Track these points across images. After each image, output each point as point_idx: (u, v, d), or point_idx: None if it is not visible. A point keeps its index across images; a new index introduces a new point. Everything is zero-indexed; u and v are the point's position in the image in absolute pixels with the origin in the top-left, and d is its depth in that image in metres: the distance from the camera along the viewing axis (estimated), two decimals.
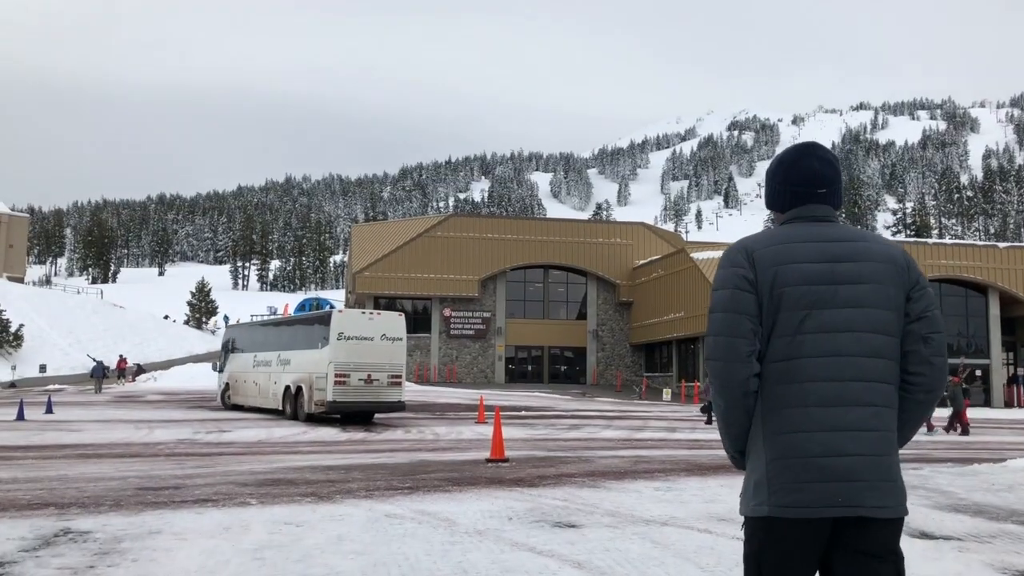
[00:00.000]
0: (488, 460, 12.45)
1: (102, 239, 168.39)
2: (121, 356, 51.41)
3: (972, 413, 36.11)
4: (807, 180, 2.65)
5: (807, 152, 2.69)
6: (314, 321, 23.89)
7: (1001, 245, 45.78)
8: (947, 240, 53.42)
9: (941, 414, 22.95)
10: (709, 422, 24.08)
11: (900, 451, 2.51)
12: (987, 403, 43.33)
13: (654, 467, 11.97)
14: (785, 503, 2.41)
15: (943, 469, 11.52)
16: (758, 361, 2.50)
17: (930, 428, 23.18)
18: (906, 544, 6.26)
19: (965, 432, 22.78)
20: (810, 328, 2.48)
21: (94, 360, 48.13)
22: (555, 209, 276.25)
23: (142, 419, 22.32)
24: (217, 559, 5.46)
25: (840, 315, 2.48)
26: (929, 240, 49.98)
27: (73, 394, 38.93)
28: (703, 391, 25.25)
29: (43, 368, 53.27)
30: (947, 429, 22.81)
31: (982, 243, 47.70)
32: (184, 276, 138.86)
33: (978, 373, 44.22)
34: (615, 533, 6.48)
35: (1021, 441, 20.61)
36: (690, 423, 24.52)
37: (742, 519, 2.56)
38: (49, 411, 24.27)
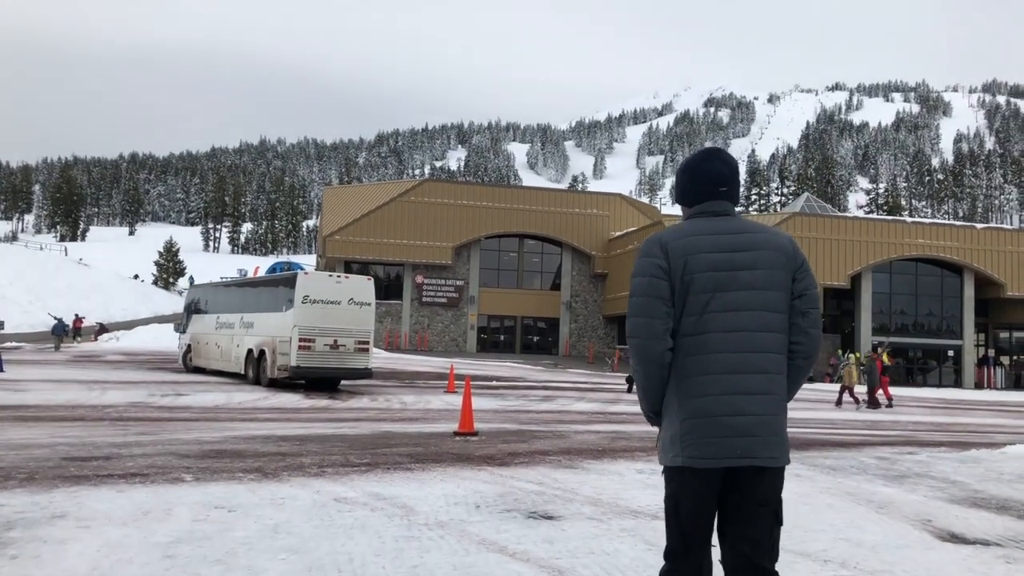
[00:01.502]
0: (456, 433, 11.64)
1: (71, 196, 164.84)
2: (77, 315, 49.78)
3: (944, 394, 36.10)
4: (711, 180, 3.05)
5: (712, 156, 3.10)
6: (279, 283, 22.99)
7: (979, 226, 45.42)
8: (925, 219, 53.00)
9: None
10: (631, 391, 24.65)
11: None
12: (958, 384, 43.20)
13: (633, 445, 11.17)
14: (695, 455, 2.83)
15: (940, 455, 10.82)
16: (671, 337, 2.90)
17: (857, 403, 24.32)
18: (940, 549, 5.52)
19: (874, 406, 23.91)
20: (714, 308, 2.87)
21: (55, 318, 46.64)
22: (531, 180, 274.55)
23: (96, 380, 21.32)
24: (117, 557, 4.48)
25: (738, 296, 2.88)
26: (907, 219, 49.54)
27: (30, 352, 37.64)
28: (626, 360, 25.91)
29: (0, 325, 51.63)
30: (869, 405, 24.09)
31: (960, 223, 47.32)
32: (155, 236, 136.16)
33: (950, 354, 44.07)
34: (600, 528, 5.59)
35: (1002, 424, 20.14)
36: None
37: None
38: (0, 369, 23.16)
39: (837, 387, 29.96)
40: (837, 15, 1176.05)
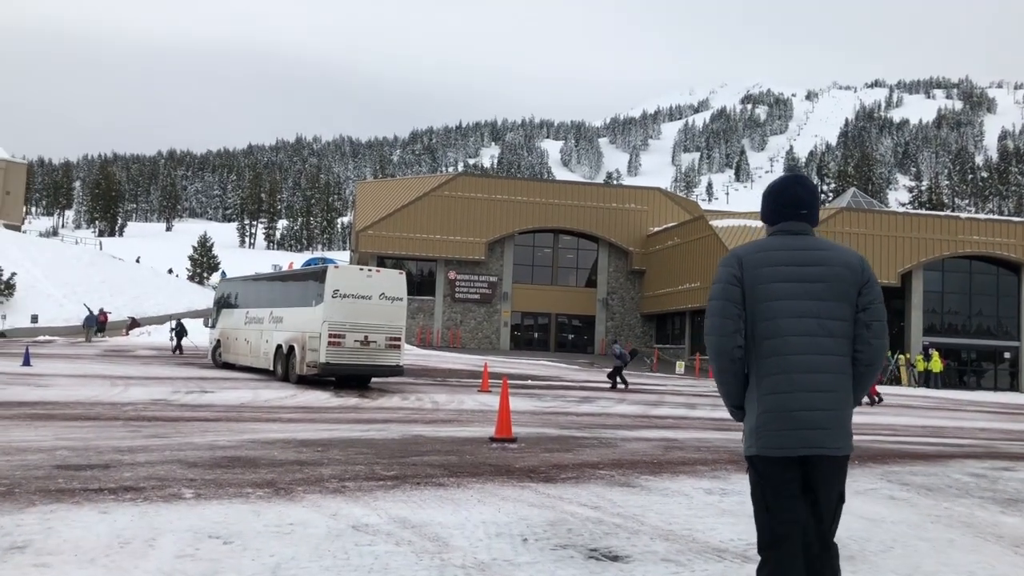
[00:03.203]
0: (493, 439, 10.64)
1: (110, 192, 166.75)
2: (102, 310, 49.36)
3: (1001, 397, 34.46)
4: (792, 203, 3.43)
5: (794, 182, 3.49)
6: (308, 277, 22.20)
7: None
8: (980, 215, 51.05)
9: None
10: (613, 388, 24.46)
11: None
12: (1014, 387, 41.35)
13: (690, 456, 10.06)
14: (770, 445, 3.19)
15: None
16: (743, 338, 3.27)
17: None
18: None
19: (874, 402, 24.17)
20: (785, 314, 3.23)
21: (88, 310, 46.44)
22: (565, 177, 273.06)
23: (122, 375, 20.74)
24: None
25: (806, 305, 3.24)
26: (961, 215, 47.54)
27: (62, 346, 37.41)
28: (615, 355, 25.63)
29: (35, 319, 51.51)
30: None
31: (1017, 219, 45.25)
32: (192, 232, 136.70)
33: (1006, 356, 42.20)
34: None
35: None
36: (710, 399, 22.69)
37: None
38: (27, 363, 22.68)
39: (890, 388, 28.78)
40: (876, 10, 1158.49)
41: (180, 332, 33.36)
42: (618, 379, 24.84)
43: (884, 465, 9.40)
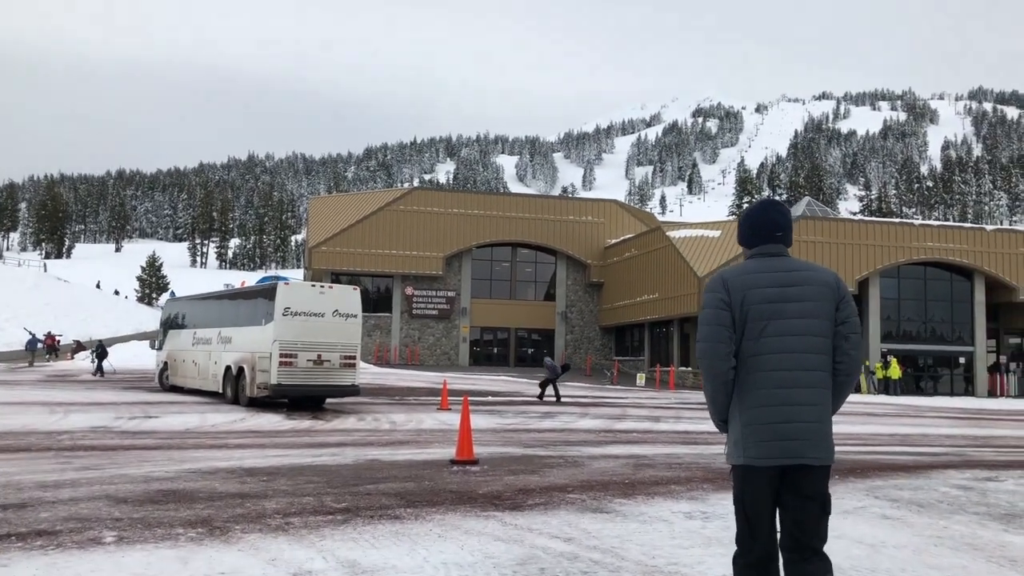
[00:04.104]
0: (453, 462, 10.03)
1: (57, 213, 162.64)
2: (49, 332, 47.67)
3: (959, 403, 34.64)
4: (768, 227, 3.60)
5: (769, 208, 3.67)
6: (258, 295, 21.43)
7: (988, 228, 43.88)
8: (933, 222, 51.62)
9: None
10: (558, 400, 24.55)
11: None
12: (969, 392, 41.67)
13: (662, 474, 9.52)
14: (754, 455, 3.33)
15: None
16: (734, 357, 3.42)
17: None
18: None
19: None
20: (769, 333, 3.39)
21: (30, 333, 44.83)
22: (521, 192, 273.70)
23: (62, 401, 19.79)
24: None
25: (789, 324, 3.39)
26: (915, 221, 48.04)
27: (1, 372, 35.94)
28: (547, 367, 25.87)
29: None
30: None
31: (969, 225, 45.80)
32: (141, 253, 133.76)
33: (961, 361, 42.58)
34: None
35: None
36: (673, 412, 22.33)
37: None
38: None
39: (851, 396, 28.66)
40: (822, 25, 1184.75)
41: (101, 354, 32.77)
42: (546, 390, 25.05)
43: (866, 479, 8.96)
